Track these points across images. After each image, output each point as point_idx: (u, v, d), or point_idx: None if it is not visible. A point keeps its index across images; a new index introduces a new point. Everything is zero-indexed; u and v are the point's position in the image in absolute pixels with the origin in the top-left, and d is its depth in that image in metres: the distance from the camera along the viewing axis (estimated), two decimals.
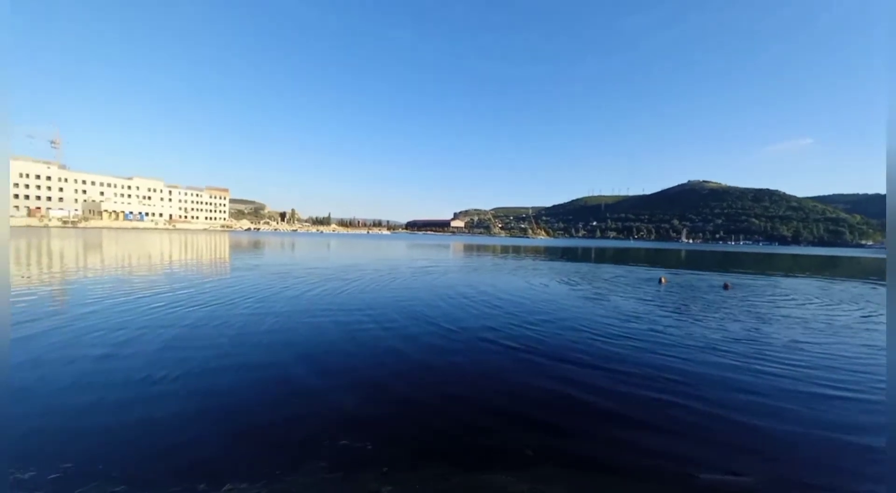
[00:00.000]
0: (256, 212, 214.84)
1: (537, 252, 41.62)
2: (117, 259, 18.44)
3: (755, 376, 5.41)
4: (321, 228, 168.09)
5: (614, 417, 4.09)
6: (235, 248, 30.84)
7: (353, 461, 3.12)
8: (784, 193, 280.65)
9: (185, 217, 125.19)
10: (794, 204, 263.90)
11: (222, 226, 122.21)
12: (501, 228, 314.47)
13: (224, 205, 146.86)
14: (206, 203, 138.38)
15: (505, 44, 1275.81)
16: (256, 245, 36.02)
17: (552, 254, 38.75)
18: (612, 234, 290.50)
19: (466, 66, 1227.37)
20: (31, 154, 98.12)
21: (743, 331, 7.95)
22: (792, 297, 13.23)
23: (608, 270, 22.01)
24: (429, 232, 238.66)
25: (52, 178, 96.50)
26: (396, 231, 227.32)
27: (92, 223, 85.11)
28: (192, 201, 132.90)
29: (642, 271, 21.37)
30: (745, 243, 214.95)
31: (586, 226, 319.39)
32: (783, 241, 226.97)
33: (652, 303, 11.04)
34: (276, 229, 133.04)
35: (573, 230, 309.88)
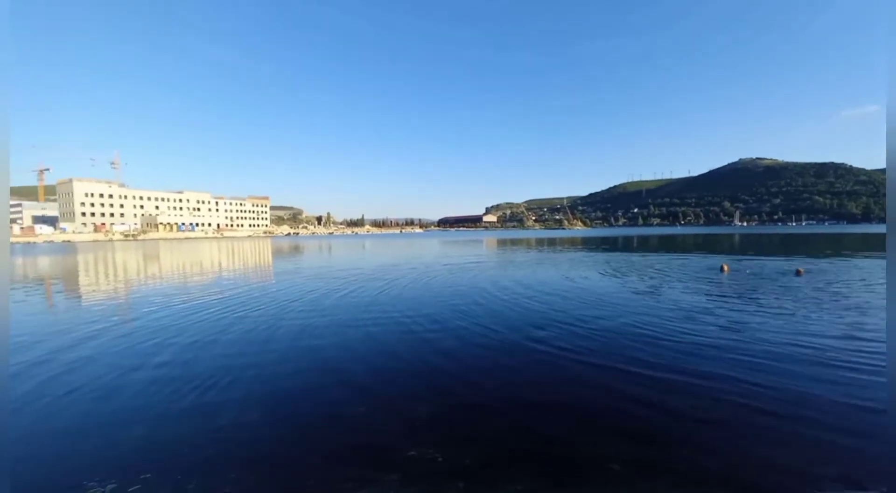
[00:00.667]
0: (294, 217, 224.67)
1: (576, 243, 40.14)
2: (177, 268, 19.74)
3: (866, 380, 4.68)
4: (356, 229, 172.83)
5: (702, 426, 3.64)
6: (279, 252, 32.22)
7: (427, 473, 2.93)
8: (851, 167, 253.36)
9: (231, 225, 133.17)
10: (864, 177, 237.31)
11: (265, 232, 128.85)
12: (535, 220, 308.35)
13: (265, 212, 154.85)
14: (249, 211, 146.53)
15: (533, 31, 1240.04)
16: (298, 249, 37.47)
17: (592, 244, 37.18)
18: (656, 220, 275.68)
19: (490, 58, 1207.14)
20: (94, 175, 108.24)
21: (840, 325, 6.95)
22: (882, 280, 11.66)
23: (656, 259, 20.69)
24: (461, 228, 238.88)
25: (114, 196, 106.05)
26: (429, 229, 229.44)
27: (150, 235, 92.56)
28: (237, 210, 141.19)
29: (697, 259, 19.90)
30: (809, 224, 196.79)
31: (626, 214, 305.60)
32: (852, 219, 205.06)
33: (717, 295, 10.09)
34: (313, 233, 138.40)
35: (612, 219, 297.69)
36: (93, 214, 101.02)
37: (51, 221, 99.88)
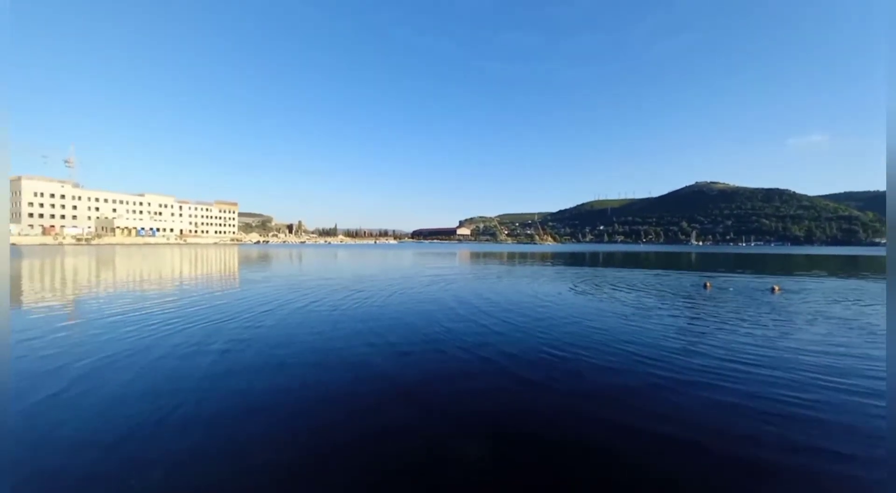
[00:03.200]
0: (264, 225, 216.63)
1: (548, 258, 40.86)
2: (132, 276, 18.24)
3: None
4: (328, 239, 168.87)
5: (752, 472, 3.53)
6: (246, 261, 30.68)
7: None
8: (794, 192, 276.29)
9: (196, 232, 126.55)
10: (806, 203, 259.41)
11: (232, 239, 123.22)
12: (508, 234, 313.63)
13: (233, 219, 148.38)
14: (216, 217, 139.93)
15: (505, 43, 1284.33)
16: (267, 258, 35.88)
17: (563, 259, 37.99)
18: (620, 238, 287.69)
19: (468, 65, 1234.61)
20: (46, 174, 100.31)
21: (844, 343, 7.15)
22: (856, 299, 12.45)
23: (635, 276, 21.31)
24: (435, 240, 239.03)
25: (66, 196, 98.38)
26: (403, 240, 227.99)
27: (105, 240, 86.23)
28: (202, 216, 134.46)
29: (675, 276, 20.64)
30: (757, 244, 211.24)
31: (593, 230, 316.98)
32: (795, 241, 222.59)
33: (713, 313, 10.34)
34: (284, 242, 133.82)
35: (580, 235, 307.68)
36: (41, 215, 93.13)
37: None
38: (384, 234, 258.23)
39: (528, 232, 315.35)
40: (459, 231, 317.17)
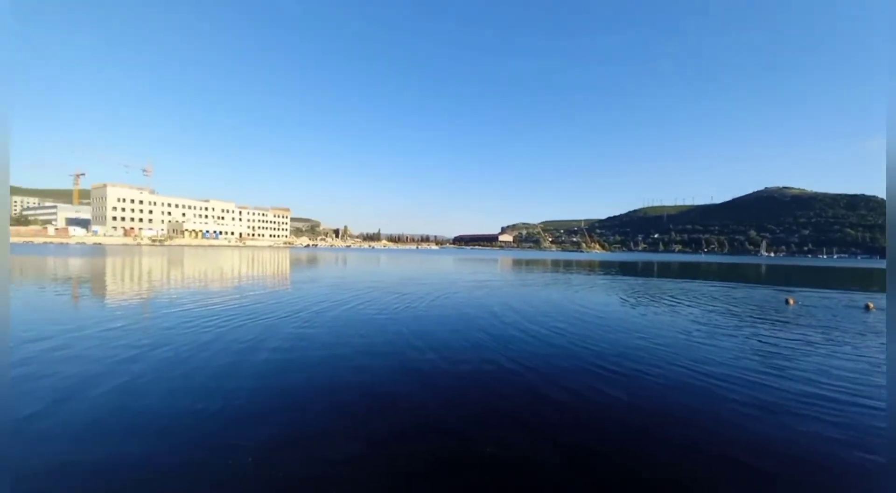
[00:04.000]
0: (312, 229, 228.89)
1: (596, 267, 39.05)
2: (200, 275, 19.96)
3: None
4: (372, 243, 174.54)
5: None
6: (297, 263, 32.48)
7: None
8: (882, 199, 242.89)
9: (253, 235, 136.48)
10: None
11: (284, 243, 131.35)
12: (552, 242, 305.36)
13: (286, 223, 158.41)
14: (271, 222, 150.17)
15: (550, 44, 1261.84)
16: (317, 261, 37.74)
17: (613, 268, 36.08)
18: (678, 247, 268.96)
19: (509, 68, 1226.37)
20: (127, 181, 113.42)
21: None
22: None
23: (689, 286, 19.73)
24: (476, 247, 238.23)
25: (144, 202, 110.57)
26: (444, 246, 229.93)
27: (176, 241, 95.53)
28: (259, 221, 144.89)
29: (745, 290, 18.87)
30: (841, 257, 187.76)
31: (647, 239, 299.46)
32: (885, 254, 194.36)
33: (787, 331, 9.32)
34: (331, 246, 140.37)
35: (632, 244, 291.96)
36: (123, 219, 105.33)
37: (84, 224, 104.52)
38: (426, 239, 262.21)
39: (574, 239, 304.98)
40: (501, 238, 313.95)
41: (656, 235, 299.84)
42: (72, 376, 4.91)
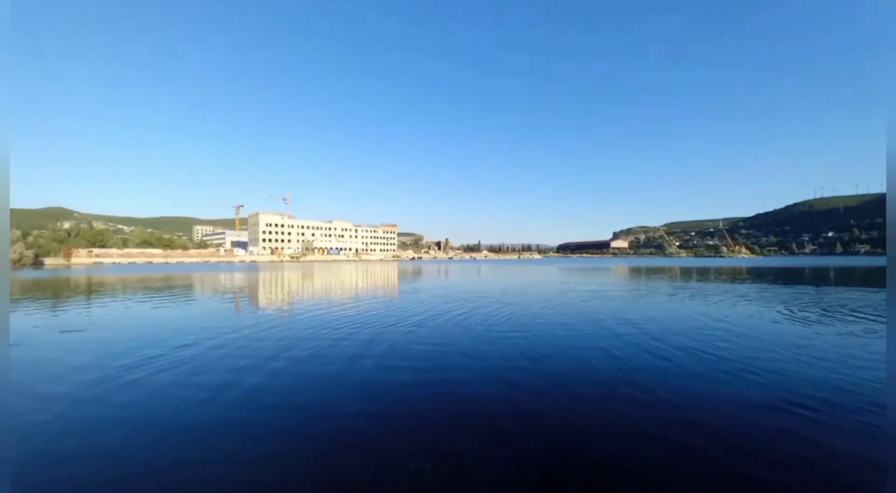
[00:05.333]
0: (416, 242, 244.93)
1: (742, 274, 32.39)
2: (326, 286, 23.17)
3: None
4: (473, 254, 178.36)
5: None
6: (404, 275, 35.10)
7: None
8: None
9: (366, 250, 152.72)
10: None
11: (393, 256, 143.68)
12: (679, 246, 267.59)
13: (394, 238, 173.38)
14: (381, 238, 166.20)
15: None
16: (422, 272, 40.23)
17: (769, 276, 29.40)
18: (864, 248, 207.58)
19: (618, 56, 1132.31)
20: (272, 208, 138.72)
21: None
22: None
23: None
24: (584, 255, 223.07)
25: (284, 226, 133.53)
26: (547, 255, 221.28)
27: (307, 257, 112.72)
28: (371, 237, 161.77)
29: None
30: None
31: (816, 239, 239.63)
32: None
33: None
34: (434, 257, 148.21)
35: (794, 246, 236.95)
36: (270, 240, 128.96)
37: (243, 246, 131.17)
38: (527, 249, 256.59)
39: (711, 243, 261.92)
40: (614, 244, 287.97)
41: (830, 234, 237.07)
42: (229, 371, 6.13)
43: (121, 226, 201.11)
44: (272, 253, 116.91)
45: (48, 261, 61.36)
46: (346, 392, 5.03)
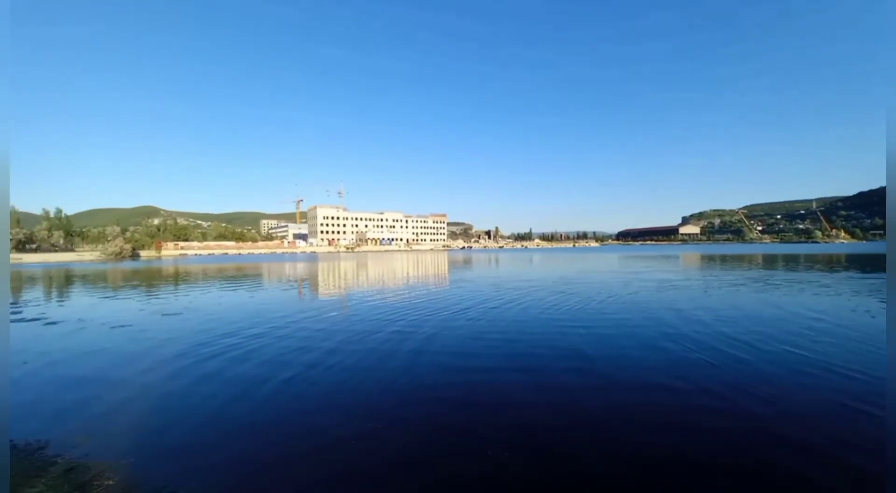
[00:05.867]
0: (465, 232, 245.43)
1: (841, 261, 28.35)
2: (380, 274, 24.31)
3: None
4: (524, 243, 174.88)
5: None
6: (455, 264, 35.55)
7: None
8: None
9: (417, 240, 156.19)
10: None
11: (443, 246, 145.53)
12: (762, 231, 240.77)
13: (443, 228, 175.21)
14: (431, 228, 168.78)
15: None
16: (472, 261, 40.46)
17: (877, 262, 25.44)
18: None
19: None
20: (328, 202, 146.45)
21: None
22: None
23: None
24: (649, 242, 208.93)
25: (340, 218, 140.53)
26: (606, 243, 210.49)
27: (362, 248, 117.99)
28: (421, 227, 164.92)
29: None
30: None
31: None
32: None
33: None
34: (484, 247, 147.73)
35: None
36: (327, 232, 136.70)
37: (304, 237, 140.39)
38: (583, 236, 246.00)
39: (801, 226, 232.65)
40: (683, 230, 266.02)
41: None
42: (287, 352, 6.80)
43: (199, 221, 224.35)
44: (329, 244, 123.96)
45: (143, 253, 70.50)
46: (419, 378, 5.40)
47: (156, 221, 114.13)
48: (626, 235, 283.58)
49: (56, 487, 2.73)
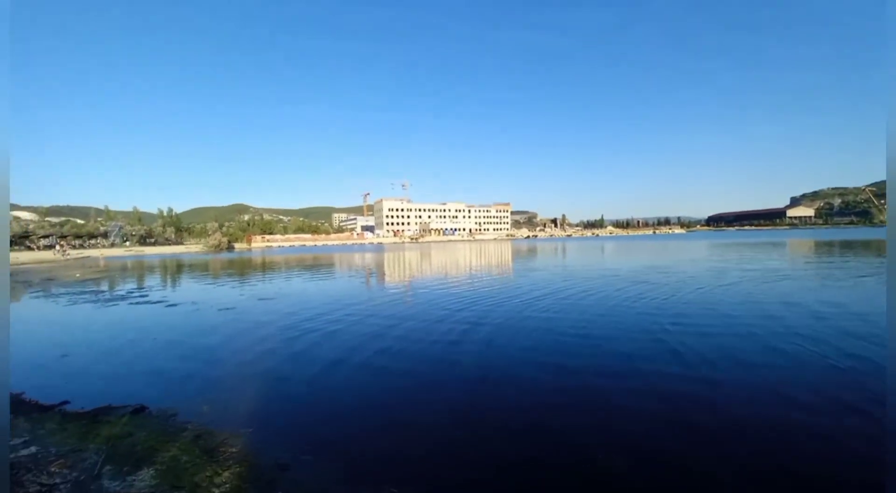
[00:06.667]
0: (530, 220, 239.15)
1: None
2: (444, 265, 24.98)
3: None
4: (595, 231, 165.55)
5: None
6: (519, 254, 35.08)
7: None
8: None
9: (480, 230, 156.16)
10: None
11: (507, 236, 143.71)
12: None
13: (507, 217, 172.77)
14: (493, 217, 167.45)
15: None
16: (537, 251, 39.58)
17: None
18: None
19: None
20: (393, 195, 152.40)
21: None
22: None
23: None
24: (747, 227, 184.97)
25: (404, 209, 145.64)
26: (693, 229, 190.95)
27: (426, 239, 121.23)
28: (484, 216, 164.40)
29: None
30: None
31: None
32: None
33: None
34: (551, 236, 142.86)
35: None
36: (392, 223, 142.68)
37: (371, 229, 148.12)
38: (665, 222, 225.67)
39: None
40: (792, 212, 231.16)
41: None
42: (358, 336, 7.36)
43: (281, 216, 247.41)
44: (394, 235, 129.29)
45: (237, 246, 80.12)
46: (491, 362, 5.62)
47: (246, 218, 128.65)
48: (719, 220, 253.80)
49: (188, 451, 3.31)
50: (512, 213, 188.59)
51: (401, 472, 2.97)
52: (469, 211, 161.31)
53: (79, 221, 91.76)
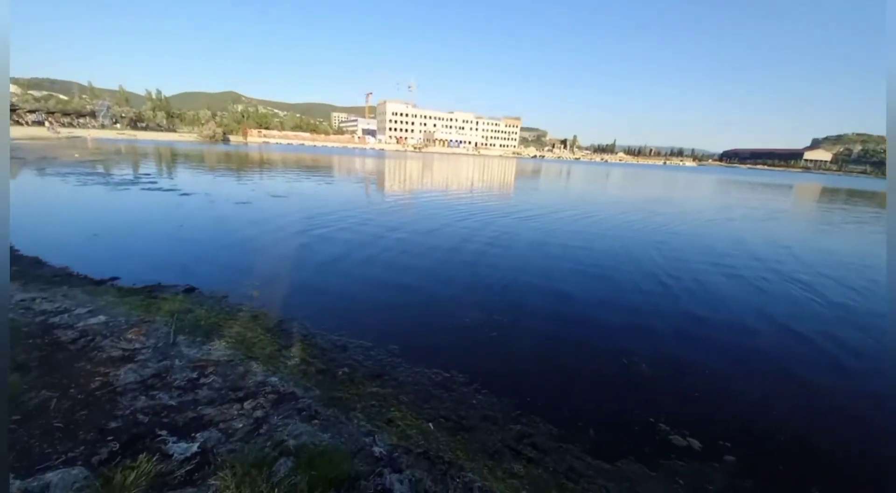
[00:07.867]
0: (538, 139, 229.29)
1: None
2: (448, 177, 24.68)
3: None
4: (605, 156, 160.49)
5: None
6: (522, 174, 34.42)
7: None
8: None
9: (486, 144, 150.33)
10: None
11: (513, 153, 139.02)
12: None
13: (515, 133, 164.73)
14: (502, 132, 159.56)
15: None
16: (542, 172, 38.82)
17: None
18: None
19: None
20: (398, 96, 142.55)
21: None
22: None
23: None
24: (760, 166, 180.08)
25: (409, 115, 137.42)
26: (705, 163, 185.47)
27: (429, 149, 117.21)
28: (492, 130, 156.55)
29: None
30: None
31: None
32: None
33: None
34: (558, 157, 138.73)
35: None
36: (395, 129, 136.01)
37: (373, 133, 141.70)
38: (678, 153, 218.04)
39: None
40: (809, 155, 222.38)
41: None
42: (358, 238, 7.66)
43: (276, 110, 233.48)
44: (397, 142, 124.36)
45: (232, 138, 76.95)
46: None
47: (239, 108, 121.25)
48: (733, 156, 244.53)
49: (251, 328, 3.68)
50: (521, 129, 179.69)
51: (439, 356, 3.42)
52: (477, 123, 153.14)
53: (62, 96, 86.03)
